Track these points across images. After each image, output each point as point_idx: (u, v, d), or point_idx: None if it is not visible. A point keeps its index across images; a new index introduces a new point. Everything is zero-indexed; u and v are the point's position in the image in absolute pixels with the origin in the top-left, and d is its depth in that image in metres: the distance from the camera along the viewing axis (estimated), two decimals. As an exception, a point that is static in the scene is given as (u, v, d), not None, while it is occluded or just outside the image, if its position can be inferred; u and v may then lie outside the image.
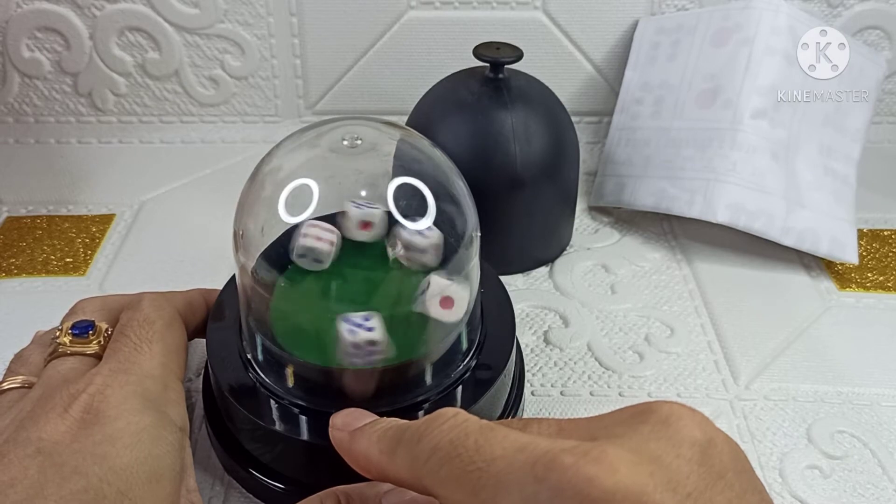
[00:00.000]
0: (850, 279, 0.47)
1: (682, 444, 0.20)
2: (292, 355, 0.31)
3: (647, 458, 0.20)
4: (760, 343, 0.42)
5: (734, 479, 0.20)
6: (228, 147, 0.58)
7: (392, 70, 0.57)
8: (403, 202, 0.31)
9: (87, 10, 0.54)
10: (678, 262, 0.48)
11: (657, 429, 0.21)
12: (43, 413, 0.27)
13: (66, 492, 0.25)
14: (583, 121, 0.57)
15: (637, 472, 0.19)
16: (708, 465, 0.20)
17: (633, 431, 0.21)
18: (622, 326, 0.43)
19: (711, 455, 0.20)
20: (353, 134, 0.33)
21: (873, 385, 0.39)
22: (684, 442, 0.20)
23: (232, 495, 0.33)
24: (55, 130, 0.58)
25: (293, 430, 0.30)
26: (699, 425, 0.21)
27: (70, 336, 0.32)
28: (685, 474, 0.20)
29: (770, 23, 0.47)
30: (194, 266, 0.47)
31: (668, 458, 0.20)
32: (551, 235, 0.48)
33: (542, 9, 0.55)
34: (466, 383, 0.32)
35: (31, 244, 0.49)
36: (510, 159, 0.43)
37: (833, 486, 0.34)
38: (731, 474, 0.20)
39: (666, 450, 0.20)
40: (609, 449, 0.19)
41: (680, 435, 0.21)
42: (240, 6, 0.54)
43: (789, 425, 0.37)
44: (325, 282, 0.34)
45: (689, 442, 0.20)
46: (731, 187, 0.46)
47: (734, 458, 0.21)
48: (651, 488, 0.19)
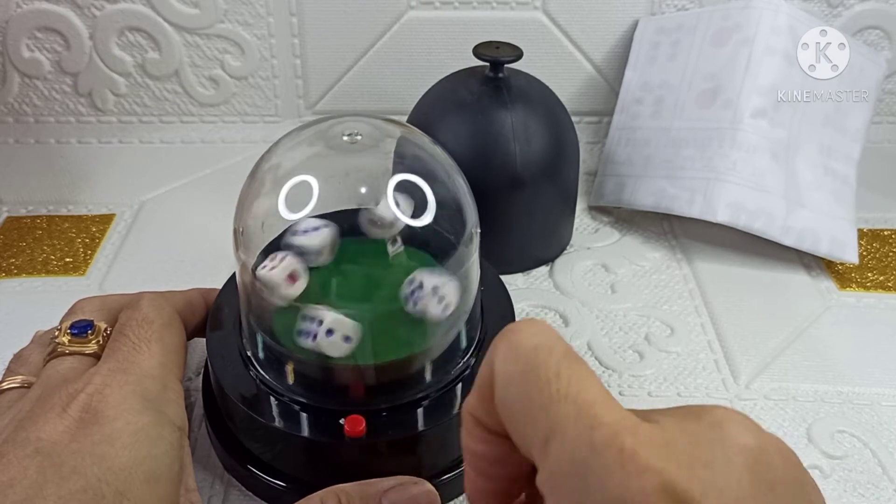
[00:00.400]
0: (850, 279, 0.47)
1: (733, 448, 0.19)
2: (292, 352, 0.31)
3: (699, 461, 0.19)
4: (760, 342, 0.42)
5: (784, 490, 0.19)
6: (228, 147, 0.58)
7: (392, 70, 0.57)
8: (403, 198, 0.31)
9: (87, 10, 0.54)
10: (678, 262, 0.48)
11: (711, 430, 0.20)
12: (42, 413, 0.27)
13: (64, 492, 0.25)
14: (583, 121, 0.57)
15: (688, 476, 0.18)
16: (758, 473, 0.19)
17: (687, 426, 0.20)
18: (622, 326, 0.43)
19: (762, 463, 0.20)
20: (353, 130, 0.33)
21: (873, 385, 0.39)
22: (735, 447, 0.20)
23: (232, 494, 0.33)
24: (55, 130, 0.58)
25: (293, 428, 0.30)
26: (752, 433, 0.20)
27: (69, 336, 0.32)
28: (735, 480, 0.19)
29: (770, 23, 0.47)
30: (194, 266, 0.47)
31: (719, 463, 0.19)
32: (551, 235, 0.48)
33: (542, 9, 0.55)
34: (466, 381, 0.32)
35: (31, 244, 0.49)
36: (510, 159, 0.43)
37: (833, 486, 0.34)
38: (781, 486, 0.19)
39: (717, 453, 0.19)
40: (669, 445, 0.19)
41: (732, 440, 0.20)
42: (240, 6, 0.54)
43: (789, 425, 0.37)
44: (322, 278, 0.34)
45: (741, 448, 0.20)
46: (731, 187, 0.46)
47: (786, 470, 0.20)
48: (700, 494, 0.18)
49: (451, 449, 0.32)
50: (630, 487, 0.18)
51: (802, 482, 0.20)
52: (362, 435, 0.29)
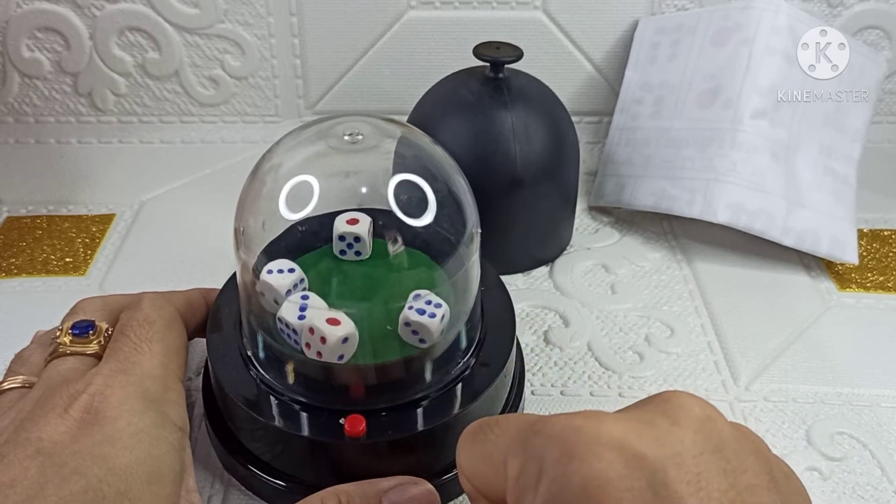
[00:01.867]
0: (850, 279, 0.47)
1: (678, 414, 0.21)
2: (293, 352, 0.31)
3: (639, 420, 0.20)
4: (760, 343, 0.42)
5: (733, 455, 0.20)
6: (228, 147, 0.58)
7: (392, 70, 0.57)
8: (404, 198, 0.31)
9: (87, 10, 0.54)
10: (678, 262, 0.48)
11: (658, 405, 0.21)
12: (43, 413, 0.27)
13: (65, 492, 0.25)
14: (583, 121, 0.57)
15: (626, 426, 0.20)
16: (705, 435, 0.20)
17: (636, 409, 0.22)
18: (622, 326, 0.43)
19: (710, 428, 0.20)
20: (354, 130, 0.33)
21: (873, 386, 0.39)
22: (681, 413, 0.21)
23: (232, 493, 0.33)
24: (55, 130, 0.58)
25: (293, 427, 0.30)
26: (699, 405, 0.21)
27: (70, 336, 0.32)
28: (678, 437, 0.20)
29: (770, 23, 0.47)
30: (194, 266, 0.47)
31: (664, 426, 0.20)
32: (551, 235, 0.48)
33: (542, 9, 0.55)
34: (466, 381, 0.32)
35: (31, 244, 0.49)
36: (510, 159, 0.43)
37: (833, 488, 0.34)
38: (730, 451, 0.20)
39: (662, 419, 0.21)
40: (607, 417, 0.20)
41: (679, 409, 0.21)
42: (240, 6, 0.54)
43: (789, 427, 0.37)
44: (323, 277, 0.34)
45: (686, 414, 0.21)
46: (731, 187, 0.46)
47: (738, 440, 0.21)
48: (636, 438, 0.19)
49: (450, 449, 0.31)
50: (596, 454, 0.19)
51: (756, 453, 0.21)
52: (362, 435, 0.29)
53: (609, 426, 0.20)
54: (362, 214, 0.35)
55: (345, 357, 0.30)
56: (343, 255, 0.35)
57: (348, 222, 0.35)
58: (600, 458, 0.19)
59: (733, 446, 0.20)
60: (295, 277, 0.32)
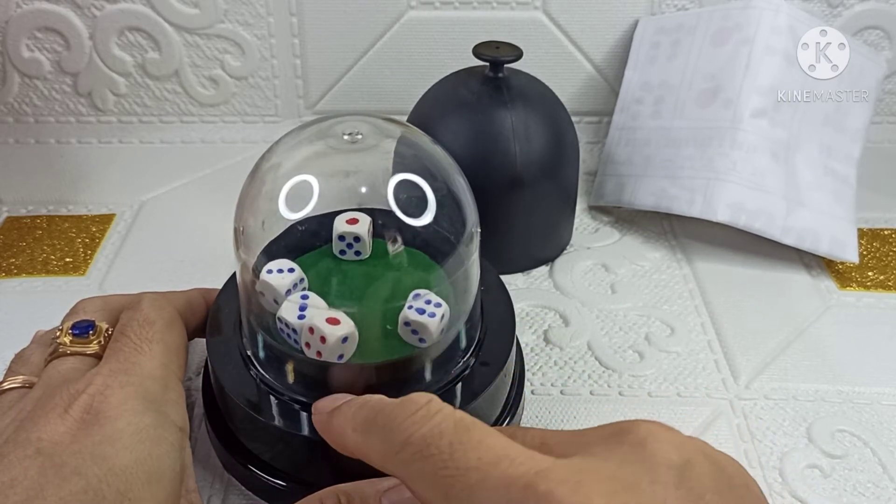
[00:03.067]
0: (850, 278, 0.47)
1: (658, 467, 0.20)
2: (293, 352, 0.31)
3: (622, 486, 0.19)
4: (760, 342, 0.42)
5: (714, 499, 0.20)
6: (228, 147, 0.58)
7: (392, 70, 0.57)
8: (403, 197, 0.31)
9: (87, 10, 0.54)
10: (678, 262, 0.48)
11: (634, 450, 0.21)
12: (43, 413, 0.27)
13: (65, 493, 0.25)
14: (583, 121, 0.58)
15: (612, 501, 0.19)
16: (686, 489, 0.20)
17: (610, 452, 0.21)
18: (622, 326, 0.43)
19: (689, 478, 0.20)
20: (353, 129, 0.33)
21: (874, 384, 0.39)
22: (660, 465, 0.20)
23: (231, 493, 0.33)
24: (55, 130, 0.58)
25: (293, 427, 0.30)
26: (676, 447, 0.21)
27: (70, 336, 0.32)
28: (661, 500, 0.19)
29: (770, 23, 0.47)
30: (194, 266, 0.47)
31: (644, 484, 0.20)
32: (551, 235, 0.48)
33: (542, 9, 0.55)
34: (466, 380, 0.32)
35: (31, 244, 0.49)
36: (510, 159, 0.43)
37: (833, 486, 0.34)
38: (710, 495, 0.20)
39: (641, 475, 0.20)
40: (585, 478, 0.19)
41: (656, 458, 0.20)
42: (240, 6, 0.54)
43: (789, 424, 0.37)
44: (323, 277, 0.34)
45: (666, 465, 0.20)
46: (731, 186, 0.46)
47: (715, 479, 0.21)
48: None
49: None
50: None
51: (735, 486, 0.21)
52: (362, 435, 0.29)
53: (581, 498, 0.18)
54: (362, 214, 0.35)
55: (345, 357, 0.30)
56: (343, 254, 0.35)
57: (348, 222, 0.35)
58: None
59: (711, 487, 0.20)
60: (295, 277, 0.32)
